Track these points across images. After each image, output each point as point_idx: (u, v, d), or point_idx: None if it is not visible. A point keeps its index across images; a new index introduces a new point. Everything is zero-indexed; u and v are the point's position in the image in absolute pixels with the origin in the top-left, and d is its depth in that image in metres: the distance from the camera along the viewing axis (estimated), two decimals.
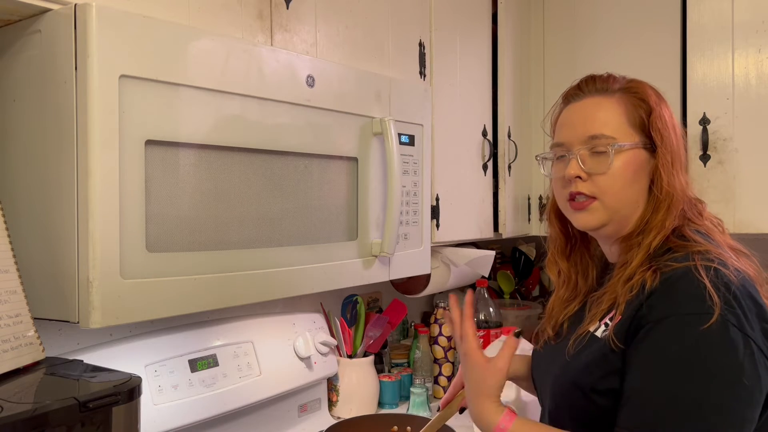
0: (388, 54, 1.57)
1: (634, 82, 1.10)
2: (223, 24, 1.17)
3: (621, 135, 1.04)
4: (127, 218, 0.95)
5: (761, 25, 1.74)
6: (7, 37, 1.01)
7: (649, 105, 1.06)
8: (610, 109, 1.07)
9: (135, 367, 1.25)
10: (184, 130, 1.03)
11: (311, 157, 1.26)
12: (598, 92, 1.09)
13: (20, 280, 0.92)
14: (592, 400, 0.98)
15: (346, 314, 1.85)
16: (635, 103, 1.06)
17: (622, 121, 1.05)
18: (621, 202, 1.04)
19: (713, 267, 0.92)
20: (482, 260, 1.97)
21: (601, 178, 1.04)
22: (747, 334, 0.88)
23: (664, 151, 1.04)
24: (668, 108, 1.09)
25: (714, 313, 0.88)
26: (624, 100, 1.07)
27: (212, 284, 1.08)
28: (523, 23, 2.14)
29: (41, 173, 0.97)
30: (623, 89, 1.08)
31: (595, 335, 1.02)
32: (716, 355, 0.88)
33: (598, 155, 1.04)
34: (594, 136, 1.05)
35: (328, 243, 1.31)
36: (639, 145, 1.05)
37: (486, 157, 1.94)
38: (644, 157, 1.05)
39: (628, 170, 1.04)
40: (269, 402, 1.56)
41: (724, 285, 0.91)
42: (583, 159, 1.05)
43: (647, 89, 1.08)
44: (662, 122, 1.05)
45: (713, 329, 0.88)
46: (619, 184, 1.04)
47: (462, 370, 1.11)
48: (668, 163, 1.04)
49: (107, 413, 0.83)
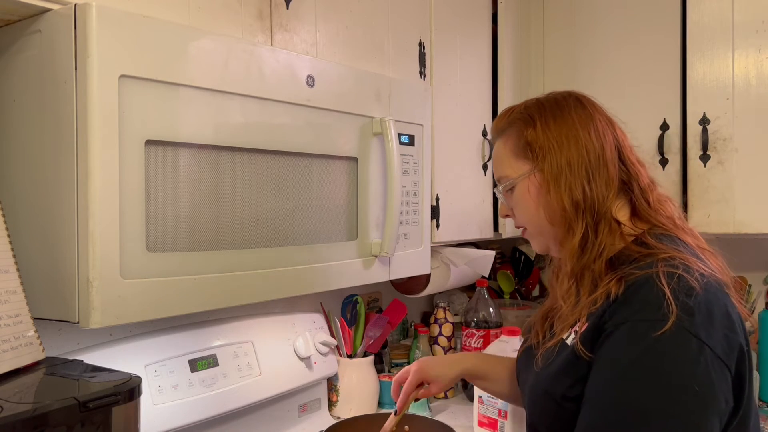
0: (387, 54, 1.57)
1: (525, 109, 1.12)
2: (223, 24, 1.17)
3: (512, 171, 1.12)
4: (127, 218, 0.95)
5: (761, 25, 1.74)
6: (7, 37, 1.01)
7: (524, 133, 1.09)
8: (501, 149, 1.14)
9: (135, 367, 1.25)
10: (184, 130, 1.03)
11: (311, 157, 1.26)
12: (496, 134, 1.17)
13: (20, 280, 0.92)
14: (563, 407, 0.98)
15: (346, 314, 1.85)
16: (517, 134, 1.11)
17: (510, 157, 1.12)
18: (539, 227, 1.11)
19: (677, 274, 0.92)
20: (482, 260, 1.97)
21: (515, 212, 1.15)
22: (702, 340, 0.87)
23: (544, 171, 1.06)
24: (563, 116, 1.08)
25: (668, 320, 0.87)
26: (510, 136, 1.12)
27: (212, 284, 1.08)
28: (523, 23, 2.14)
29: (41, 173, 0.97)
30: (511, 123, 1.12)
31: (565, 343, 1.02)
32: (667, 361, 0.87)
33: (501, 193, 1.16)
34: (498, 178, 1.16)
35: (328, 243, 1.31)
36: (527, 174, 1.09)
37: (486, 157, 1.94)
38: (537, 179, 1.08)
39: (527, 198, 1.10)
40: (269, 402, 1.56)
41: (684, 292, 0.90)
42: (501, 199, 1.18)
43: (531, 113, 1.10)
44: (539, 143, 1.07)
45: (666, 336, 0.87)
46: (527, 214, 1.12)
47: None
48: (549, 181, 1.05)
49: (107, 413, 0.83)
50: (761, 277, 1.99)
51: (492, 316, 2.00)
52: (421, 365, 1.33)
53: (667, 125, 1.87)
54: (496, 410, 1.59)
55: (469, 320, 2.01)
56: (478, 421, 1.64)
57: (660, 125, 1.87)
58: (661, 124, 1.87)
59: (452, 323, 2.06)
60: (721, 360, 0.88)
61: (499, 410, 1.58)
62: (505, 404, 1.57)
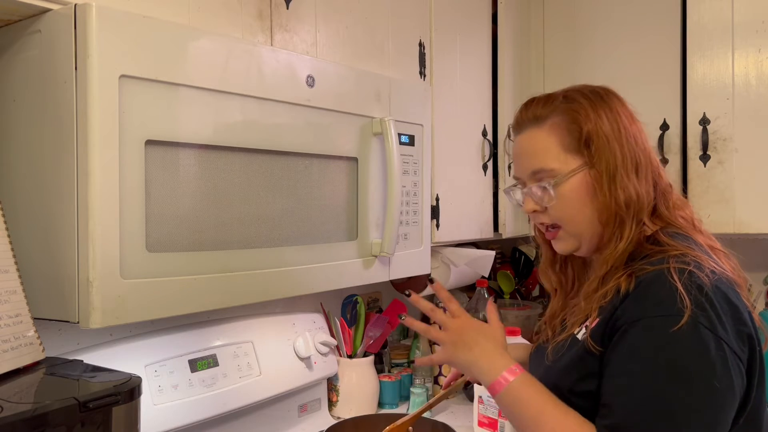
0: (388, 54, 1.57)
1: (570, 98, 1.07)
2: (223, 24, 1.17)
3: (560, 164, 1.04)
4: (127, 218, 0.95)
5: (761, 25, 1.74)
6: (7, 37, 1.01)
7: (580, 125, 1.04)
8: (544, 139, 1.06)
9: (135, 367, 1.25)
10: (184, 130, 1.03)
11: (311, 157, 1.26)
12: (532, 122, 1.08)
13: (20, 280, 0.92)
14: (571, 402, 0.98)
15: (346, 314, 1.85)
16: (568, 127, 1.05)
17: (558, 150, 1.05)
18: (581, 226, 1.05)
19: (688, 270, 0.92)
20: (482, 260, 1.97)
21: (553, 209, 1.06)
22: (719, 336, 0.88)
23: (599, 167, 1.02)
24: (611, 110, 1.05)
25: (684, 315, 0.88)
26: (556, 126, 1.05)
27: (212, 284, 1.08)
28: (523, 23, 2.14)
29: (41, 173, 0.97)
30: (556, 112, 1.06)
31: (576, 338, 1.02)
32: (687, 357, 0.88)
33: (545, 189, 1.06)
34: (534, 171, 1.07)
35: (328, 243, 1.31)
36: (579, 169, 1.04)
37: (486, 157, 1.94)
38: (590, 176, 1.03)
39: (575, 196, 1.04)
40: (269, 402, 1.56)
41: (696, 287, 0.90)
42: (533, 194, 1.08)
43: (580, 103, 1.05)
44: (598, 137, 1.03)
45: (684, 331, 0.87)
46: (570, 212, 1.05)
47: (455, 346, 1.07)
48: (605, 178, 1.02)
49: (107, 413, 0.83)
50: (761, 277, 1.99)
51: None
52: None
53: (667, 125, 1.87)
54: (496, 410, 1.59)
55: None
56: (478, 421, 1.64)
57: (660, 125, 1.87)
58: (661, 124, 1.87)
59: None
60: (736, 355, 0.89)
61: (500, 410, 1.58)
62: None
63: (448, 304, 1.11)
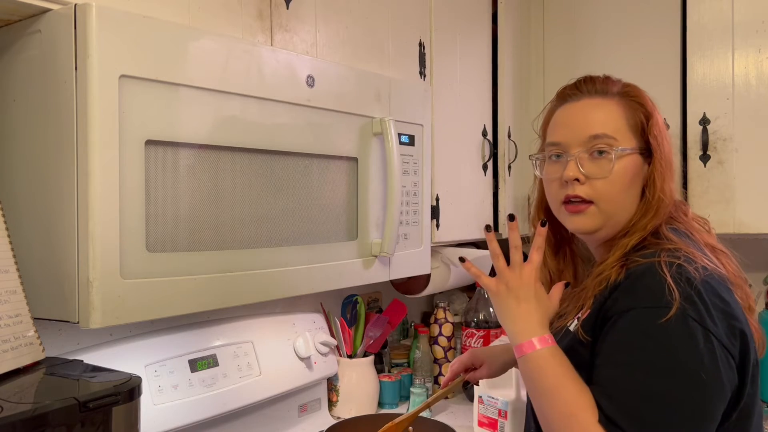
0: (387, 54, 1.57)
1: (632, 86, 1.10)
2: (223, 24, 1.17)
3: (621, 138, 1.04)
4: (127, 218, 0.95)
5: (761, 25, 1.74)
6: (7, 37, 1.01)
7: (647, 110, 1.07)
8: (611, 110, 1.06)
9: (135, 367, 1.25)
10: (184, 130, 1.03)
11: (311, 157, 1.26)
12: (597, 93, 1.08)
13: (20, 280, 0.92)
14: None
15: (346, 314, 1.85)
16: (634, 107, 1.06)
17: (623, 124, 1.05)
18: (617, 207, 1.04)
19: (677, 263, 0.93)
20: (482, 260, 1.97)
21: (599, 182, 1.03)
22: (707, 328, 0.89)
23: (661, 157, 1.05)
24: (661, 115, 1.10)
25: (673, 307, 0.88)
26: (623, 103, 1.07)
27: (212, 284, 1.08)
28: (523, 23, 2.14)
29: (41, 173, 0.97)
30: (621, 93, 1.08)
31: (568, 329, 1.03)
32: (674, 347, 0.88)
33: (598, 159, 1.03)
34: (596, 135, 1.03)
35: (328, 243, 1.31)
36: (636, 151, 1.05)
37: (486, 157, 1.94)
38: (640, 163, 1.05)
39: (626, 176, 1.04)
40: (269, 402, 1.56)
41: (685, 280, 0.91)
42: (581, 161, 1.04)
43: (644, 94, 1.09)
44: (658, 129, 1.06)
45: (672, 323, 0.88)
46: (617, 189, 1.03)
47: (509, 291, 1.04)
48: (663, 170, 1.04)
49: (107, 413, 0.83)
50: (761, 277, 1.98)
51: (492, 316, 2.00)
52: (474, 350, 1.38)
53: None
54: (496, 410, 1.59)
55: (469, 320, 2.01)
56: (478, 421, 1.64)
57: None
58: None
59: (452, 323, 2.06)
60: (725, 348, 0.90)
61: (499, 410, 1.58)
62: (505, 404, 1.58)
63: (513, 251, 1.10)
